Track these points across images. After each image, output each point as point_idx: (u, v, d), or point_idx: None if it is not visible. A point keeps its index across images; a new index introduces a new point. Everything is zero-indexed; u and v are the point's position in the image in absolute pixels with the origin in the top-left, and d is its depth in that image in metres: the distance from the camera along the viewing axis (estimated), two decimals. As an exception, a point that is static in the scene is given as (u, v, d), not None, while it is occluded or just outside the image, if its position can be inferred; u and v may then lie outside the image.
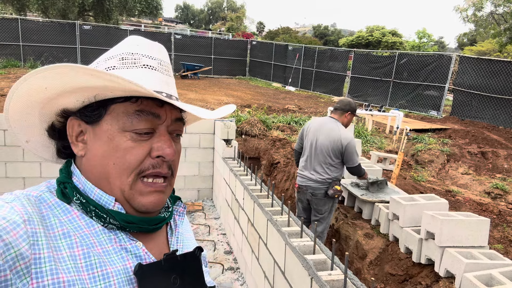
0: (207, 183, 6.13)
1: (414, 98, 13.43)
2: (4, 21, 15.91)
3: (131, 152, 0.68)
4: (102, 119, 0.70)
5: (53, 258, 0.60)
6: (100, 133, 0.70)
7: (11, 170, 5.39)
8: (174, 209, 0.86)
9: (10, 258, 0.55)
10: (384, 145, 7.26)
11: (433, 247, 3.07)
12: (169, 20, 55.90)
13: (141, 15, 26.07)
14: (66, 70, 0.61)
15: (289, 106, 11.55)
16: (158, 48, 0.75)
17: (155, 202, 0.71)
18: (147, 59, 0.71)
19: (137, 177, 0.70)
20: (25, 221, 0.59)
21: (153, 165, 0.70)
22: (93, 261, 0.64)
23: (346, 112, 3.78)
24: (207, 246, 4.61)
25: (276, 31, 38.63)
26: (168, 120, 0.73)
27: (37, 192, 0.68)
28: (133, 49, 0.72)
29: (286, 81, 18.93)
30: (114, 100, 0.69)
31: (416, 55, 14.12)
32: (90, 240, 0.66)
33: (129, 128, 0.68)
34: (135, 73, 0.69)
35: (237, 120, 6.78)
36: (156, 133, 0.71)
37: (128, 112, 0.69)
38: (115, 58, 0.71)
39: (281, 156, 6.10)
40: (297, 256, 2.41)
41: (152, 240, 0.76)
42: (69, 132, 0.73)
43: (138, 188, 0.70)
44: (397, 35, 35.37)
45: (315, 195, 3.77)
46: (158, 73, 0.72)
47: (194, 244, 0.87)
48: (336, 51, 17.92)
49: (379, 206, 3.97)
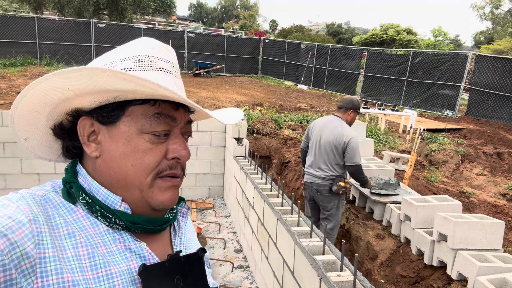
0: (218, 181, 6.15)
1: (428, 97, 13.22)
2: (21, 19, 16.21)
3: (149, 154, 0.70)
4: (119, 121, 0.70)
5: (58, 257, 0.60)
6: (116, 134, 0.70)
7: (26, 166, 5.50)
8: (178, 210, 0.86)
9: (16, 257, 0.55)
10: (397, 145, 7.17)
11: (445, 249, 3.02)
12: (183, 19, 56.21)
13: (155, 13, 26.27)
14: (97, 73, 0.62)
15: (301, 105, 11.50)
16: (170, 51, 0.76)
17: (172, 199, 0.73)
18: (162, 62, 0.72)
19: (155, 177, 0.71)
20: (30, 220, 0.59)
21: (169, 166, 0.72)
22: (97, 261, 0.64)
23: (349, 110, 3.84)
24: (217, 244, 4.63)
25: (289, 29, 38.47)
26: (182, 122, 0.75)
27: (42, 191, 0.68)
28: (149, 51, 0.72)
29: (298, 80, 18.85)
30: (132, 102, 0.69)
31: (431, 54, 13.90)
32: (95, 240, 0.66)
33: (147, 130, 0.70)
34: (151, 76, 0.69)
35: (248, 118, 6.78)
36: (171, 135, 0.73)
37: (147, 114, 0.70)
38: (131, 59, 0.70)
39: (292, 155, 6.08)
40: (306, 256, 2.40)
41: (156, 241, 0.76)
42: (81, 132, 0.72)
43: (158, 185, 0.71)
44: (412, 33, 34.88)
45: (319, 191, 3.84)
46: (172, 76, 0.73)
47: (196, 245, 0.87)
48: (349, 49, 17.75)
49: (391, 207, 3.92)
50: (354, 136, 3.72)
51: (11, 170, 5.48)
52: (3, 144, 5.41)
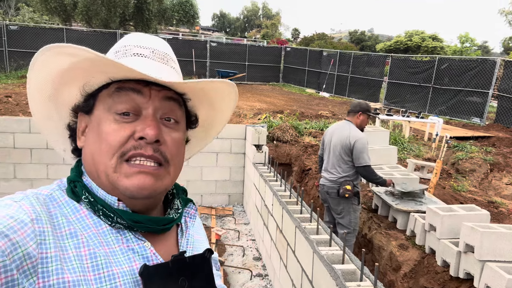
0: (237, 188, 6.13)
1: (455, 104, 12.85)
2: (51, 31, 16.87)
3: (112, 134, 0.67)
4: (94, 108, 0.71)
5: (60, 257, 0.60)
6: (93, 121, 0.71)
7: (52, 171, 5.65)
8: (186, 211, 0.84)
9: (18, 258, 0.54)
10: (422, 153, 6.98)
11: (472, 261, 2.88)
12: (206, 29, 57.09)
13: (178, 24, 26.80)
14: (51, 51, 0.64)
15: (322, 112, 11.40)
16: (152, 39, 0.75)
17: (139, 185, 0.66)
18: (138, 48, 0.73)
19: (121, 159, 0.67)
20: (32, 220, 0.59)
21: (134, 146, 0.67)
22: (99, 261, 0.63)
23: (357, 112, 3.92)
24: (236, 252, 4.60)
25: (311, 37, 38.43)
26: (155, 100, 0.70)
27: (48, 191, 0.68)
28: (125, 42, 0.74)
29: (320, 87, 18.73)
30: (103, 89, 0.71)
31: (457, 60, 13.54)
32: (98, 240, 0.65)
33: (112, 109, 0.68)
34: (125, 62, 0.67)
35: (268, 126, 6.75)
36: (141, 116, 0.69)
37: (110, 92, 0.70)
38: (111, 52, 0.74)
39: (313, 162, 6.00)
40: (325, 265, 2.34)
41: (161, 241, 0.74)
42: (78, 128, 0.75)
43: (124, 170, 0.67)
44: (438, 39, 34.15)
45: (329, 194, 3.94)
46: (149, 60, 0.72)
47: (205, 247, 0.84)
48: (372, 56, 17.54)
49: (415, 216, 3.79)
50: (361, 137, 3.77)
51: (37, 176, 5.64)
52: (30, 150, 5.58)
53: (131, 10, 20.79)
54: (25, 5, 26.06)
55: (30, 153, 5.59)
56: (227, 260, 4.36)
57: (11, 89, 10.20)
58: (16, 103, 8.31)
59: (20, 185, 5.56)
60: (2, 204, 0.61)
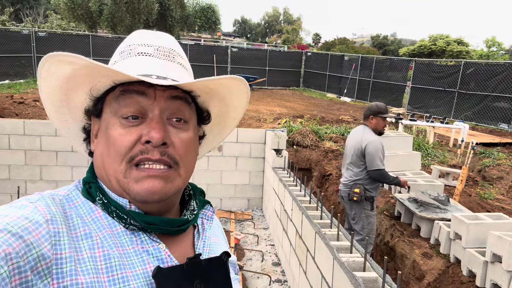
0: (257, 193, 6.11)
1: (481, 110, 12.48)
2: (78, 37, 17.39)
3: (120, 139, 0.66)
4: (103, 111, 0.71)
5: (74, 259, 0.59)
6: (102, 125, 0.71)
7: (76, 173, 5.78)
8: (203, 213, 0.83)
9: (32, 259, 0.54)
10: (447, 159, 6.79)
11: (500, 271, 2.76)
12: (227, 34, 57.62)
13: (200, 30, 27.15)
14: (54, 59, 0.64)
15: (343, 117, 11.27)
16: (157, 35, 0.74)
17: (149, 189, 0.66)
18: (142, 47, 0.71)
19: (130, 164, 0.66)
20: (47, 220, 0.59)
21: (141, 150, 0.66)
22: (113, 263, 0.63)
23: (369, 116, 3.88)
24: (255, 256, 4.57)
25: (332, 42, 38.19)
26: (161, 100, 0.68)
27: (65, 191, 0.69)
28: (130, 41, 0.73)
29: (341, 92, 18.55)
30: (109, 92, 0.70)
31: (484, 64, 13.16)
32: (112, 241, 0.65)
33: (118, 112, 0.67)
34: (129, 62, 0.69)
35: (288, 130, 6.72)
36: (148, 117, 0.67)
37: (115, 95, 0.69)
38: (116, 53, 0.74)
39: (334, 167, 5.92)
40: (346, 272, 2.29)
41: (177, 243, 0.73)
42: (91, 131, 0.75)
43: (133, 175, 0.66)
44: (463, 44, 33.32)
45: (343, 198, 3.95)
46: (154, 59, 0.70)
47: (223, 249, 0.82)
48: (395, 60, 17.26)
49: (440, 224, 3.68)
50: (372, 140, 3.73)
51: (62, 178, 5.79)
52: (56, 153, 5.74)
53: (154, 17, 21.25)
54: (53, 13, 26.98)
55: (56, 156, 5.74)
56: (246, 264, 4.34)
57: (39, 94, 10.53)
58: (43, 107, 8.57)
59: (46, 187, 5.71)
60: (17, 205, 0.61)
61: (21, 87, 12.19)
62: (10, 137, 5.66)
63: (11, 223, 0.55)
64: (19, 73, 14.85)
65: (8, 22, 23.29)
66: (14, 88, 12.03)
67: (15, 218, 0.57)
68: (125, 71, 0.63)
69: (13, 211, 0.58)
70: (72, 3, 20.41)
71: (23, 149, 5.70)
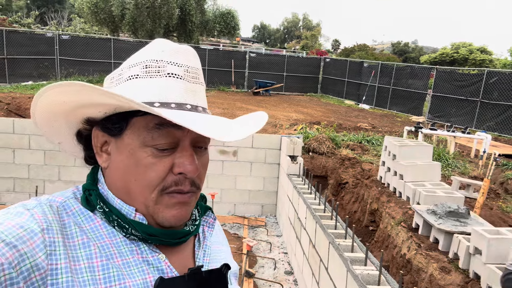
0: (271, 199, 6.06)
1: (505, 120, 12.13)
2: (100, 41, 17.75)
3: (152, 169, 0.65)
4: (123, 132, 0.67)
5: (70, 269, 0.58)
6: (122, 147, 0.67)
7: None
8: (204, 220, 0.82)
9: (25, 269, 0.54)
10: (468, 171, 6.59)
11: (524, 291, 2.63)
12: (246, 40, 57.95)
13: (220, 35, 27.36)
14: (78, 88, 0.59)
15: (361, 124, 11.12)
16: (185, 53, 0.69)
17: (177, 216, 0.68)
18: (172, 66, 0.67)
19: (161, 193, 0.66)
20: (43, 229, 0.58)
21: (175, 182, 0.66)
22: (111, 273, 0.62)
23: None
24: (267, 264, 4.51)
25: (352, 48, 37.90)
26: (192, 132, 0.66)
27: (62, 198, 0.67)
28: (157, 55, 0.68)
29: (359, 99, 18.35)
30: (135, 113, 0.65)
31: (508, 74, 12.81)
32: (111, 251, 0.64)
33: (149, 143, 0.65)
34: (158, 83, 0.66)
35: (304, 136, 6.66)
36: (179, 146, 0.67)
37: (148, 126, 0.65)
38: (139, 65, 0.68)
39: (350, 176, 5.82)
40: (359, 285, 2.21)
41: (177, 252, 0.72)
42: (94, 142, 0.71)
43: (165, 202, 0.67)
44: (487, 52, 32.60)
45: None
46: (184, 82, 0.67)
47: (223, 258, 0.81)
48: (416, 68, 16.99)
49: (459, 238, 3.55)
50: None
51: (79, 178, 5.88)
52: (73, 154, 5.83)
53: (175, 22, 21.52)
54: (77, 16, 27.67)
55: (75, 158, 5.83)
56: (258, 272, 4.29)
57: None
58: (64, 108, 8.75)
59: (64, 187, 5.80)
60: (14, 211, 0.60)
61: (43, 89, 12.49)
62: (31, 137, 5.78)
63: (5, 232, 0.54)
64: (42, 74, 15.24)
65: (34, 25, 24.01)
66: (36, 89, 12.34)
67: (10, 226, 0.55)
68: (170, 116, 0.58)
69: (9, 218, 0.57)
70: (95, 7, 20.88)
71: (43, 149, 5.81)
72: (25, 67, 14.56)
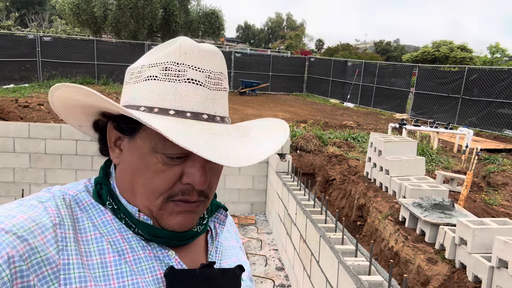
0: (260, 197, 6.10)
1: (485, 116, 12.45)
2: (83, 42, 17.51)
3: (160, 176, 0.63)
4: (136, 134, 0.64)
5: (83, 264, 0.59)
6: (133, 148, 0.65)
7: (80, 177, 5.79)
8: (215, 217, 0.81)
9: (36, 263, 0.54)
10: (451, 165, 6.76)
11: (506, 277, 2.74)
12: (231, 40, 57.88)
13: (204, 35, 27.27)
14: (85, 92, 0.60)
15: (346, 122, 11.27)
16: (209, 56, 0.65)
17: (182, 224, 0.66)
18: (194, 71, 0.63)
19: (167, 200, 0.65)
20: (55, 224, 0.58)
21: (182, 191, 0.65)
22: (124, 269, 0.62)
23: None
24: (258, 261, 4.55)
25: (335, 48, 38.27)
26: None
27: (74, 191, 0.67)
28: (179, 58, 0.63)
29: (344, 98, 18.57)
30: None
31: (488, 71, 13.16)
32: (122, 246, 0.64)
33: (160, 150, 0.62)
34: (176, 88, 0.63)
35: (292, 135, 6.72)
36: (190, 156, 0.64)
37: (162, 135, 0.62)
38: (159, 66, 0.64)
39: (337, 172, 5.91)
40: (351, 276, 2.27)
41: (187, 249, 0.72)
42: (109, 135, 0.70)
43: (169, 209, 0.65)
44: (467, 50, 33.32)
45: None
46: (204, 89, 0.64)
47: (235, 255, 0.82)
48: (398, 66, 17.29)
49: (445, 229, 3.65)
50: None
51: (66, 181, 5.79)
52: (60, 156, 5.76)
53: (158, 22, 21.36)
54: (58, 18, 27.21)
55: (60, 159, 5.76)
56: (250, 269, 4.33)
57: (43, 98, 10.60)
58: (48, 111, 8.62)
59: (49, 190, 5.72)
60: (27, 204, 0.60)
61: (25, 91, 12.27)
62: (15, 140, 5.69)
63: (17, 225, 0.54)
64: (24, 77, 14.95)
65: (14, 27, 23.50)
66: (19, 92, 12.11)
67: (22, 220, 0.56)
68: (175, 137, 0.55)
69: (22, 211, 0.57)
70: (77, 8, 20.56)
71: (28, 152, 5.72)
72: (6, 70, 14.27)
